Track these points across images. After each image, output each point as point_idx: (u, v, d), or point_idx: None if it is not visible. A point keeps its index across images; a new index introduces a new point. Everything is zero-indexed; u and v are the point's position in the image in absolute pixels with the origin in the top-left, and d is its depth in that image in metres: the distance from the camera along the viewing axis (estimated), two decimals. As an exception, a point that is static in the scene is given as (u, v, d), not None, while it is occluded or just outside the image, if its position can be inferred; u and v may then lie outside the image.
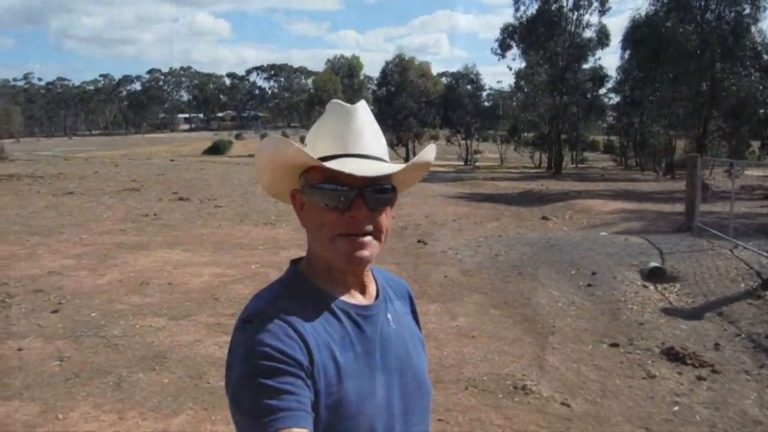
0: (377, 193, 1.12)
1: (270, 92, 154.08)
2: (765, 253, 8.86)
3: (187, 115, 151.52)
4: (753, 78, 24.83)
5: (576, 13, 35.01)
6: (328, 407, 1.06)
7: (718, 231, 10.68)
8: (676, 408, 4.48)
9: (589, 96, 37.43)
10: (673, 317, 6.71)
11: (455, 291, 7.48)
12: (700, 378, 5.04)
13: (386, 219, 1.16)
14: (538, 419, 4.23)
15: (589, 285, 7.78)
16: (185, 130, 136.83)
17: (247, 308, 1.14)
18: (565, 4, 34.94)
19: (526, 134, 43.77)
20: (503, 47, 36.50)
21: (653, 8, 25.77)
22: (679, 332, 6.22)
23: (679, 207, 15.06)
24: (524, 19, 35.26)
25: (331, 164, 1.09)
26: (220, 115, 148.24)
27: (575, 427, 4.15)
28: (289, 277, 1.21)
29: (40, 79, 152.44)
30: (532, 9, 35.12)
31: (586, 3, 34.21)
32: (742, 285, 7.74)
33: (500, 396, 4.59)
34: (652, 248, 9.54)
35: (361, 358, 1.13)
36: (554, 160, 36.17)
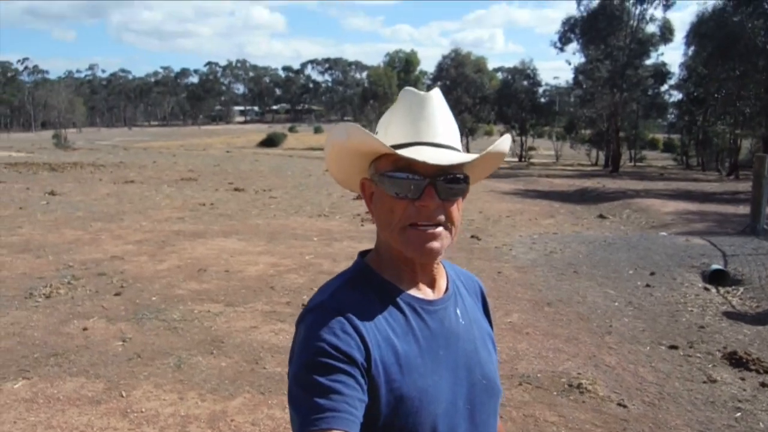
0: (449, 182, 1.09)
1: (324, 86, 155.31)
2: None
3: (242, 108, 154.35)
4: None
5: (639, 7, 34.00)
6: (389, 403, 1.05)
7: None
8: (738, 414, 4.33)
9: (650, 93, 36.37)
10: (735, 321, 6.48)
11: (509, 287, 7.41)
12: (764, 384, 4.85)
13: (457, 210, 1.13)
14: (593, 419, 4.15)
15: (648, 285, 7.60)
16: (240, 122, 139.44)
17: (311, 300, 1.14)
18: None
19: (583, 131, 42.93)
20: (563, 41, 35.83)
21: (721, 2, 24.72)
22: (742, 337, 6.01)
23: (743, 209, 14.61)
24: (586, 12, 34.44)
25: (403, 152, 1.07)
26: (274, 107, 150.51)
27: (632, 429, 4.06)
28: (355, 269, 1.19)
29: (103, 71, 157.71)
30: (595, 2, 34.29)
31: (650, -3, 33.16)
32: (812, 291, 7.43)
33: (554, 393, 4.52)
34: (714, 250, 9.24)
35: (425, 353, 1.11)
36: (613, 157, 35.30)
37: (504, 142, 1.21)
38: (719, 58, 24.36)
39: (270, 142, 68.34)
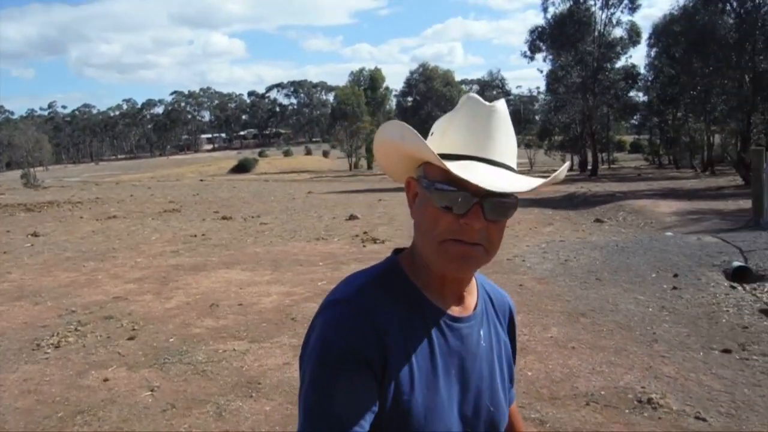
0: (498, 203, 1.02)
1: (290, 108, 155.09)
2: None
3: (209, 135, 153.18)
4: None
5: (606, 11, 34.42)
6: (394, 416, 1.00)
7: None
8: (823, 417, 4.11)
9: (621, 96, 36.76)
10: (775, 318, 6.31)
11: (536, 300, 7.16)
12: (834, 383, 4.65)
13: (500, 231, 1.07)
14: (677, 436, 3.89)
15: (674, 288, 7.41)
16: (208, 150, 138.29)
17: (335, 291, 1.09)
18: (593, 3, 34.43)
19: (556, 137, 43.20)
20: (533, 49, 36.06)
21: (691, 2, 25.08)
22: (789, 334, 5.82)
23: (734, 203, 14.63)
24: (553, 19, 34.75)
25: (456, 167, 0.99)
26: (242, 133, 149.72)
27: (718, 444, 3.81)
28: (386, 266, 1.13)
29: (64, 107, 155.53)
30: (563, 8, 34.61)
31: (616, 1, 33.56)
32: (839, 281, 7.32)
33: (626, 411, 4.25)
34: (729, 247, 9.13)
35: (439, 369, 1.06)
36: (592, 161, 35.57)
37: (563, 172, 1.14)
38: (692, 56, 24.69)
39: (242, 168, 67.85)
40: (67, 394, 4.78)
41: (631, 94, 39.22)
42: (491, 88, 48.79)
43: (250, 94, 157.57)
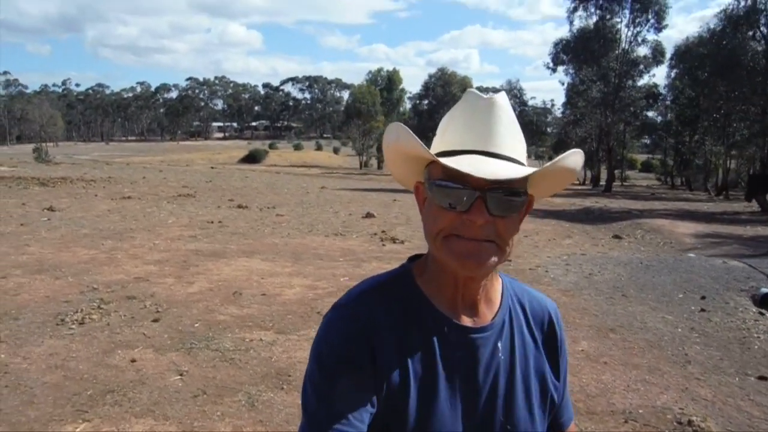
0: (503, 197, 0.98)
1: (303, 103, 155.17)
2: None
3: (220, 124, 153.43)
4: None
5: (632, 29, 34.28)
6: (388, 418, 1.00)
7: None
8: None
9: (639, 114, 36.64)
10: (809, 349, 6.21)
11: (563, 312, 6.96)
12: None
13: (512, 227, 1.01)
14: (721, 462, 3.79)
15: (702, 310, 7.31)
16: (219, 138, 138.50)
17: (345, 294, 1.10)
18: (619, 20, 34.34)
19: (572, 150, 43.01)
20: (556, 61, 35.97)
21: (720, 24, 24.92)
22: (823, 365, 5.72)
23: (752, 230, 14.50)
24: (578, 33, 34.67)
25: (449, 160, 0.97)
26: (253, 124, 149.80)
27: (763, 473, 3.71)
28: (397, 272, 1.12)
29: (77, 85, 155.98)
30: (589, 22, 34.54)
31: (643, 20, 33.41)
32: None
33: (667, 432, 4.16)
34: (755, 273, 9.02)
35: (440, 378, 1.03)
36: (607, 177, 35.46)
37: (571, 158, 1.05)
38: (717, 79, 24.55)
39: (252, 158, 67.78)
40: (95, 371, 4.71)
41: (649, 113, 39.18)
42: (510, 97, 48.48)
43: (265, 86, 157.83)
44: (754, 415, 4.56)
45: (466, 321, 1.08)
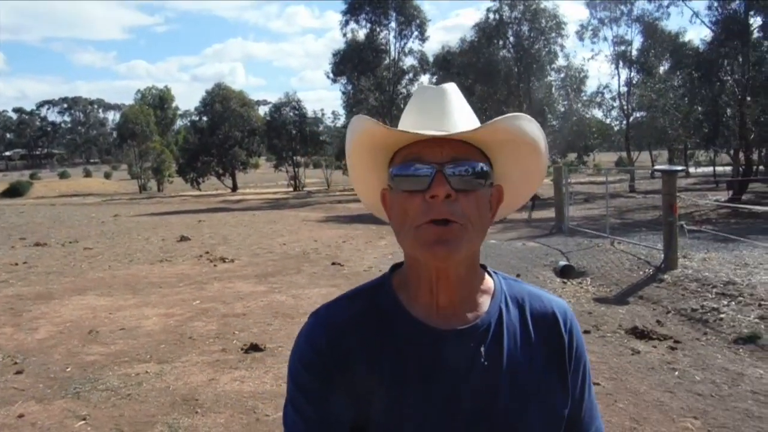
0: (461, 170, 0.98)
1: (63, 127, 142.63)
2: (642, 245, 10.29)
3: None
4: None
5: (399, 41, 37.23)
6: (359, 423, 1.01)
7: (589, 230, 12.11)
8: (676, 373, 5.22)
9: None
10: (608, 305, 7.62)
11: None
12: (672, 348, 5.87)
13: (478, 205, 0.99)
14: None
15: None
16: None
17: (325, 303, 1.13)
18: (389, 32, 37.10)
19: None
20: (336, 72, 37.60)
21: (476, 36, 28.77)
22: (623, 315, 7.11)
23: (526, 214, 16.68)
24: (352, 45, 36.73)
25: (396, 130, 0.99)
26: (7, 154, 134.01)
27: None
28: (376, 281, 1.12)
29: None
30: (361, 33, 36.79)
31: (408, 32, 36.53)
32: (641, 273, 8.94)
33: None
34: (551, 249, 10.63)
35: (412, 383, 1.01)
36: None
37: (519, 120, 1.02)
38: (479, 85, 28.33)
39: (14, 191, 60.68)
40: (-17, 434, 4.41)
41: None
42: (289, 109, 49.03)
43: (16, 110, 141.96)
44: (592, 360, 5.63)
45: (442, 324, 1.02)
